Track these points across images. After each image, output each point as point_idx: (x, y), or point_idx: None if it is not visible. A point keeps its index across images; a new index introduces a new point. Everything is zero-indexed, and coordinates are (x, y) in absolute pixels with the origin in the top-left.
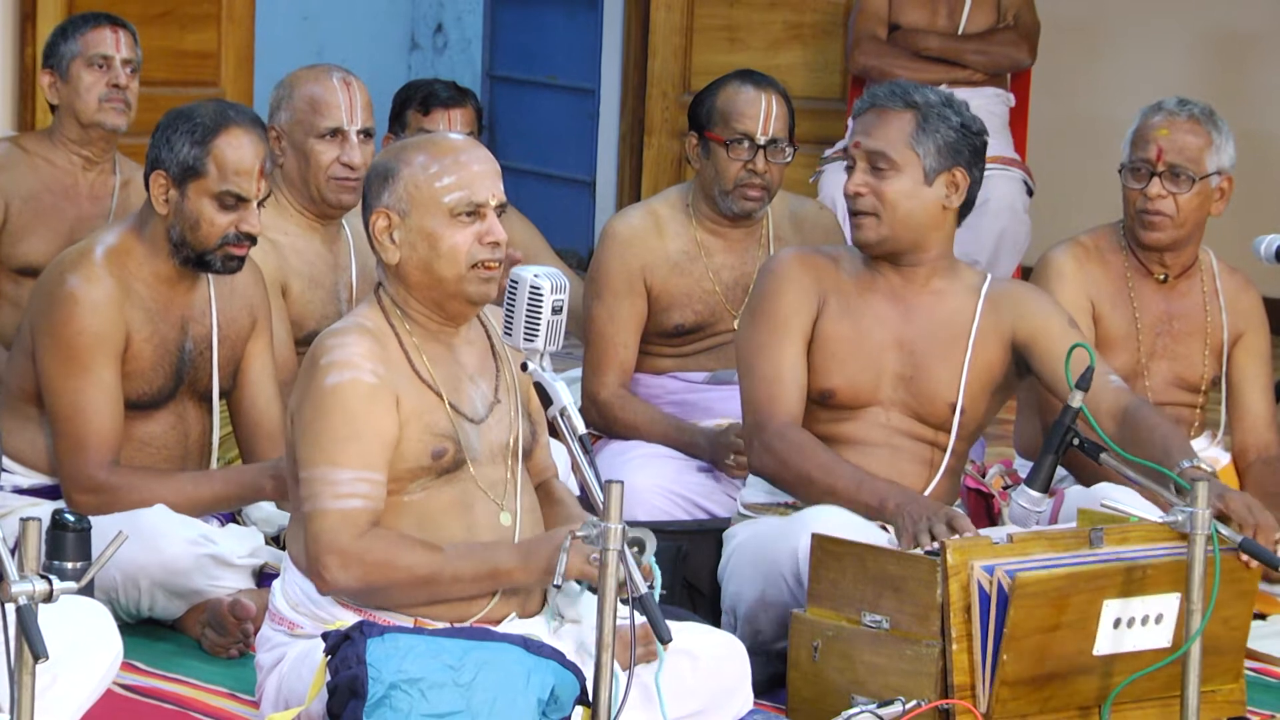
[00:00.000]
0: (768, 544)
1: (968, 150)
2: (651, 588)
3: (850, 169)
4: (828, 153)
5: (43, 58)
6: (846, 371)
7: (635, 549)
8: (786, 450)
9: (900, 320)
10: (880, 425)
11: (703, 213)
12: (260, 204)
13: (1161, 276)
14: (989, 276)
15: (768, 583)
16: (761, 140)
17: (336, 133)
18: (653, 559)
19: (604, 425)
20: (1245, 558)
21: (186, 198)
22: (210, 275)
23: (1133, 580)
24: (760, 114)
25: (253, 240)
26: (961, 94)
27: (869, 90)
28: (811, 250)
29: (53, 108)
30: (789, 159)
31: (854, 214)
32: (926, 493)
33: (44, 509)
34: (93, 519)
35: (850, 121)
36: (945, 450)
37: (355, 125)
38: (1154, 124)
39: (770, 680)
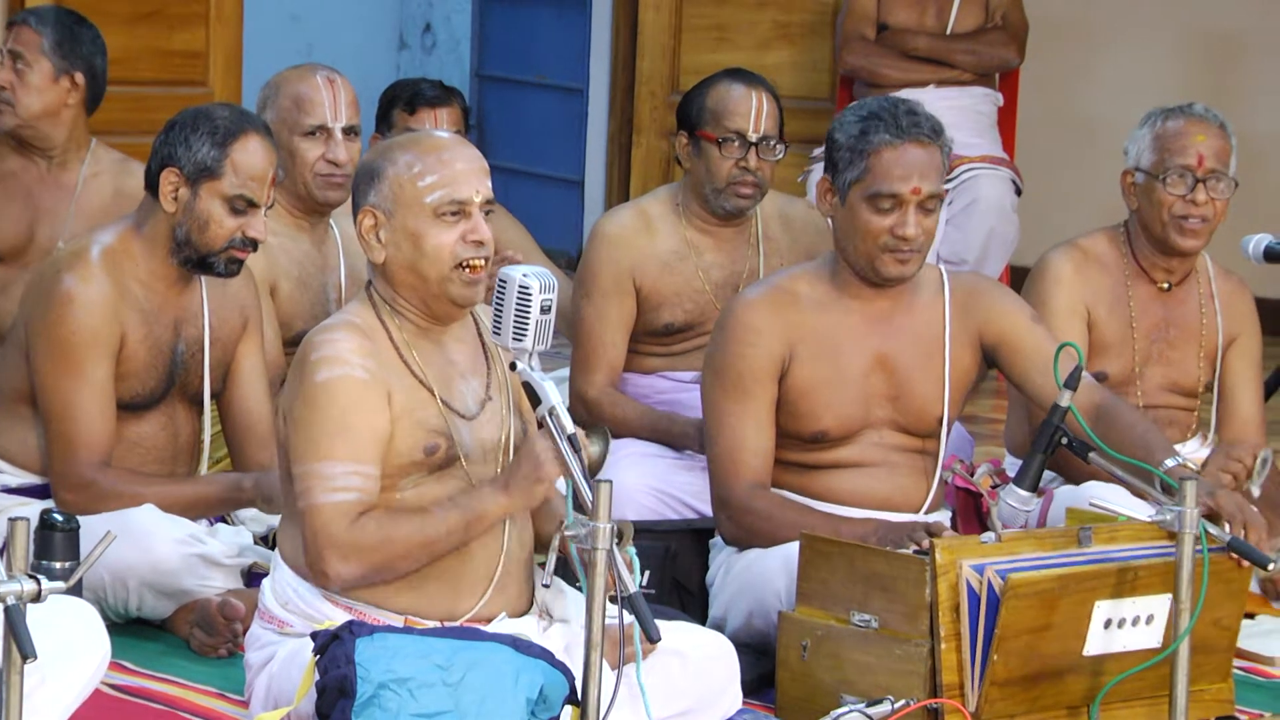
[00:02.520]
0: (755, 581)
1: None
2: (631, 573)
3: (888, 209)
4: (816, 152)
5: None
6: (834, 410)
7: (615, 539)
8: (755, 521)
9: (878, 340)
10: (875, 445)
11: (693, 212)
12: (266, 211)
13: (1165, 285)
14: (944, 270)
15: (753, 617)
16: (753, 138)
17: (320, 130)
18: (631, 549)
19: (592, 424)
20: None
21: (198, 197)
22: (204, 277)
23: (1124, 581)
24: (751, 111)
25: (255, 246)
26: (950, 93)
27: (886, 121)
28: (770, 290)
29: None
30: (780, 156)
31: (901, 252)
32: (928, 501)
33: (33, 509)
34: (81, 519)
35: (853, 152)
36: (936, 456)
37: (339, 122)
38: (1188, 130)
39: (759, 679)
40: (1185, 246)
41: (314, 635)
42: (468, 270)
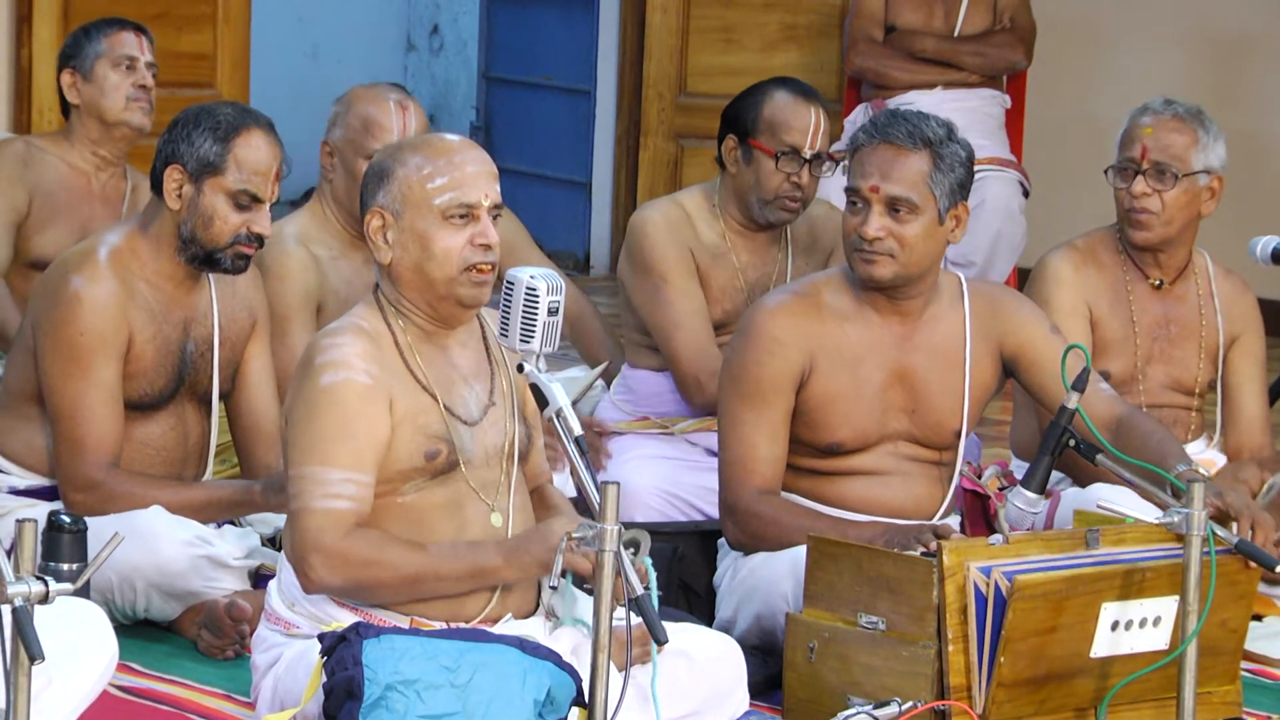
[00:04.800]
0: (763, 583)
1: (969, 183)
2: (647, 589)
3: (859, 208)
4: None
5: (62, 58)
6: (851, 423)
7: (630, 550)
8: (760, 526)
9: (897, 353)
10: (890, 455)
11: (730, 214)
12: (271, 207)
13: (1157, 282)
14: (963, 280)
15: (760, 619)
16: (808, 154)
17: None
18: (648, 560)
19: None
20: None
21: (202, 193)
22: (212, 276)
23: (1132, 583)
24: (809, 128)
25: (261, 242)
26: (957, 95)
27: (874, 123)
28: (793, 298)
29: (68, 109)
30: (830, 175)
31: (866, 252)
32: (941, 509)
33: (40, 510)
34: (89, 520)
35: (850, 155)
36: (953, 467)
37: None
38: (1140, 124)
39: (766, 681)
40: (1136, 239)
41: (321, 637)
42: (475, 271)
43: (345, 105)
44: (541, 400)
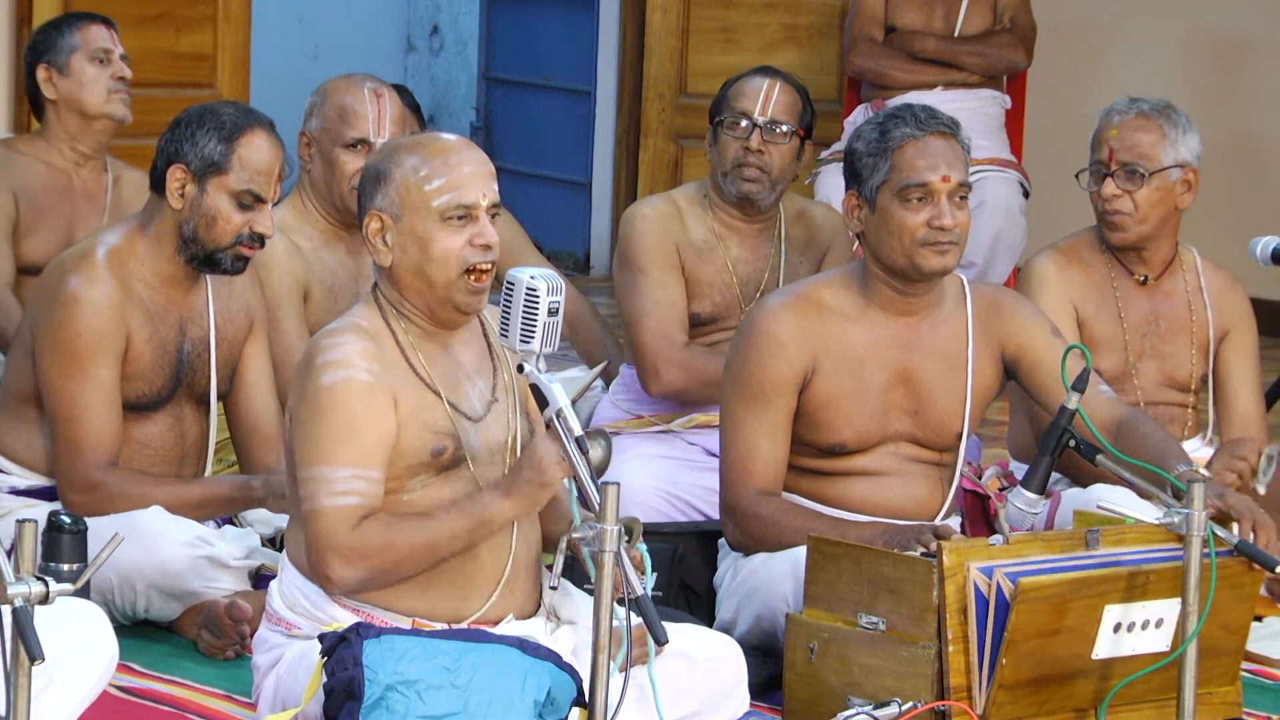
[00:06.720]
0: (763, 584)
1: None
2: (643, 574)
3: (920, 203)
4: (824, 154)
5: (33, 54)
6: (854, 424)
7: (624, 537)
8: (760, 526)
9: (901, 354)
10: (891, 455)
11: (717, 204)
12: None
13: (1142, 278)
14: (965, 282)
15: (760, 619)
16: (759, 120)
17: (362, 143)
18: (642, 546)
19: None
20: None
21: (205, 193)
22: (209, 277)
23: (1135, 586)
24: (760, 94)
25: (263, 242)
26: (957, 95)
27: (910, 118)
28: (795, 299)
29: (40, 106)
30: (787, 143)
31: (941, 244)
32: (943, 510)
33: (40, 510)
34: (89, 520)
35: (871, 158)
36: (953, 468)
37: (382, 137)
38: (1105, 125)
39: (766, 682)
40: (1113, 240)
41: (321, 637)
42: (473, 278)
43: (321, 95)
44: (541, 401)
